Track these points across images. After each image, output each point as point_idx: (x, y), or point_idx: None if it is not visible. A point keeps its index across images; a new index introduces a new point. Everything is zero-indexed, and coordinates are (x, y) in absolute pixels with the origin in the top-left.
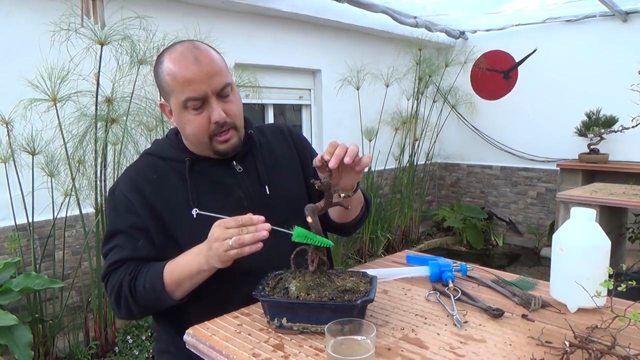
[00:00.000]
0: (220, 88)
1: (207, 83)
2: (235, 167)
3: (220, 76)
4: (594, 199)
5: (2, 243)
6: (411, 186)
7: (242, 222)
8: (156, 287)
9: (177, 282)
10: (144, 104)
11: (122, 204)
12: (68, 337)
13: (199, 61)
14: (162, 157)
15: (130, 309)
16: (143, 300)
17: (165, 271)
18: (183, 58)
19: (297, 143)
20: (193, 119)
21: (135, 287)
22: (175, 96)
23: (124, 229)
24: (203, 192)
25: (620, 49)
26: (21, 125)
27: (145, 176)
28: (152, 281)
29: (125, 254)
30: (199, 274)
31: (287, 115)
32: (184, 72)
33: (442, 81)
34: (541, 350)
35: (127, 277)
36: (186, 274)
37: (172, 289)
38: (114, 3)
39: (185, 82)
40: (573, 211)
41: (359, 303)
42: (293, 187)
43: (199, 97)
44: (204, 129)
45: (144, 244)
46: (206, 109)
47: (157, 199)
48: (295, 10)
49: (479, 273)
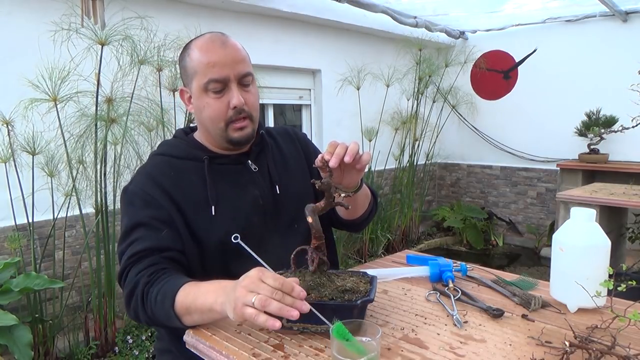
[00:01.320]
0: (242, 75)
1: (231, 67)
2: (251, 166)
3: (244, 64)
4: (594, 199)
5: (2, 243)
6: (411, 186)
7: (282, 286)
8: (165, 304)
9: (187, 307)
10: (145, 104)
11: (140, 198)
12: (68, 337)
13: (225, 46)
14: (176, 156)
15: (137, 314)
16: (152, 310)
17: (181, 290)
18: (211, 42)
19: (303, 144)
20: (212, 102)
21: (147, 294)
22: (198, 78)
23: (145, 222)
24: (221, 190)
25: (620, 49)
26: (22, 125)
27: (163, 172)
28: (164, 295)
29: (148, 244)
30: (210, 312)
31: (287, 115)
32: (210, 54)
33: (442, 81)
34: (541, 350)
35: (146, 277)
36: (199, 304)
37: (182, 313)
38: (115, 3)
39: (209, 63)
40: (573, 211)
41: (359, 303)
42: (301, 187)
43: (222, 79)
44: (222, 113)
45: (168, 233)
46: (226, 94)
47: (177, 192)
48: (295, 10)
49: (479, 273)
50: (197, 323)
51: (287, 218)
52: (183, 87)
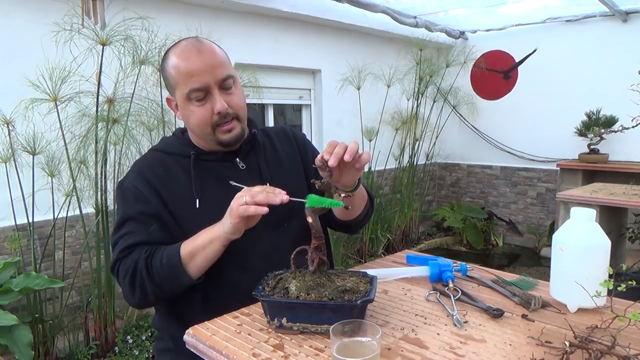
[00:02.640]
0: (222, 79)
1: (210, 74)
2: (239, 164)
3: (223, 68)
4: (594, 199)
5: (2, 243)
6: (411, 186)
7: (266, 189)
8: (172, 260)
9: (190, 252)
10: (145, 104)
11: (131, 193)
12: (68, 337)
13: (201, 53)
14: (168, 152)
15: (144, 290)
16: (159, 276)
17: (182, 245)
18: (187, 51)
19: (300, 145)
20: (197, 110)
21: (152, 264)
22: (180, 89)
23: (135, 216)
24: (206, 185)
25: (620, 49)
26: (23, 125)
27: (152, 168)
28: (169, 255)
29: (138, 239)
30: (211, 243)
31: (287, 115)
32: (187, 64)
33: (442, 81)
34: (541, 350)
35: (144, 254)
36: (199, 243)
37: (187, 261)
38: (116, 4)
39: (188, 73)
40: (573, 211)
41: (359, 303)
42: (294, 187)
43: (202, 87)
44: (207, 119)
45: (157, 228)
46: (209, 100)
47: (163, 189)
48: (295, 10)
49: (479, 273)
50: (200, 267)
51: (275, 217)
52: (169, 96)
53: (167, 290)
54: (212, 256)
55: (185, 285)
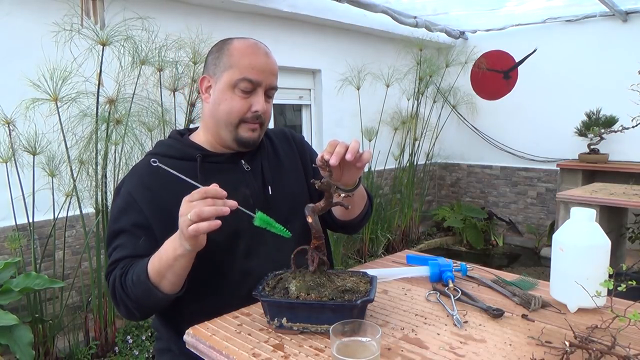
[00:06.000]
0: (271, 87)
1: (267, 76)
2: (244, 166)
3: (275, 79)
4: (594, 199)
5: (2, 243)
6: (411, 186)
7: (207, 193)
8: (141, 278)
9: (158, 271)
10: (146, 104)
11: (125, 202)
12: (68, 337)
13: (268, 57)
14: (169, 156)
15: (127, 307)
16: (134, 294)
17: (149, 262)
18: (256, 47)
19: (299, 146)
20: (236, 99)
21: (125, 282)
22: (232, 72)
23: (126, 228)
24: None
25: (620, 49)
26: (24, 125)
27: (152, 172)
28: (137, 273)
29: (126, 253)
30: (176, 260)
31: (287, 115)
32: (254, 57)
33: (442, 81)
34: (541, 350)
35: (119, 270)
36: (164, 262)
37: (157, 280)
38: (116, 4)
39: (251, 64)
40: (573, 211)
41: (359, 303)
42: (295, 188)
43: (256, 82)
44: (241, 112)
45: (144, 241)
46: (252, 96)
47: (166, 193)
48: (295, 10)
49: (479, 273)
50: (174, 283)
51: (279, 219)
52: (207, 75)
53: (148, 306)
54: (182, 272)
55: (166, 301)
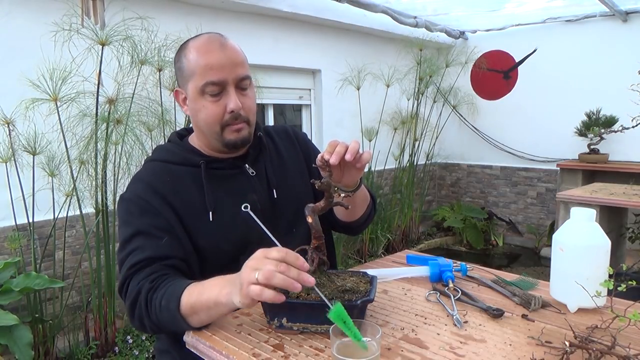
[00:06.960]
0: (240, 78)
1: (230, 70)
2: (248, 171)
3: (243, 67)
4: (594, 199)
5: (2, 243)
6: (411, 186)
7: (286, 255)
8: (170, 306)
9: (192, 306)
10: (146, 104)
11: (137, 205)
12: (68, 337)
13: (224, 48)
14: (171, 162)
15: (142, 323)
16: (156, 316)
17: (185, 291)
18: (209, 44)
19: (302, 144)
20: (209, 105)
21: (151, 300)
22: (195, 80)
23: (143, 230)
24: (219, 196)
25: (620, 49)
26: (24, 125)
27: (160, 178)
28: (168, 299)
29: (147, 254)
30: (216, 306)
31: (287, 115)
32: (208, 56)
33: (442, 81)
34: (541, 350)
35: (148, 284)
36: (204, 300)
37: (188, 314)
38: (116, 4)
39: (207, 65)
40: (573, 211)
41: (359, 303)
42: (299, 189)
43: (219, 82)
44: (218, 117)
45: (168, 241)
46: (223, 97)
47: (175, 199)
48: (295, 10)
49: (479, 273)
50: (204, 322)
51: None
52: (178, 88)
53: (166, 330)
54: (217, 317)
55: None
